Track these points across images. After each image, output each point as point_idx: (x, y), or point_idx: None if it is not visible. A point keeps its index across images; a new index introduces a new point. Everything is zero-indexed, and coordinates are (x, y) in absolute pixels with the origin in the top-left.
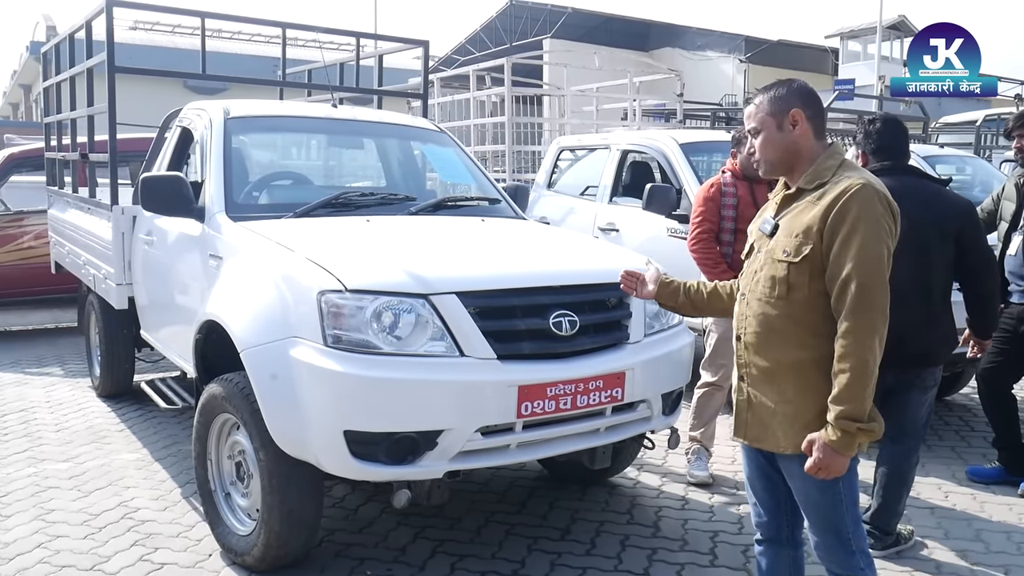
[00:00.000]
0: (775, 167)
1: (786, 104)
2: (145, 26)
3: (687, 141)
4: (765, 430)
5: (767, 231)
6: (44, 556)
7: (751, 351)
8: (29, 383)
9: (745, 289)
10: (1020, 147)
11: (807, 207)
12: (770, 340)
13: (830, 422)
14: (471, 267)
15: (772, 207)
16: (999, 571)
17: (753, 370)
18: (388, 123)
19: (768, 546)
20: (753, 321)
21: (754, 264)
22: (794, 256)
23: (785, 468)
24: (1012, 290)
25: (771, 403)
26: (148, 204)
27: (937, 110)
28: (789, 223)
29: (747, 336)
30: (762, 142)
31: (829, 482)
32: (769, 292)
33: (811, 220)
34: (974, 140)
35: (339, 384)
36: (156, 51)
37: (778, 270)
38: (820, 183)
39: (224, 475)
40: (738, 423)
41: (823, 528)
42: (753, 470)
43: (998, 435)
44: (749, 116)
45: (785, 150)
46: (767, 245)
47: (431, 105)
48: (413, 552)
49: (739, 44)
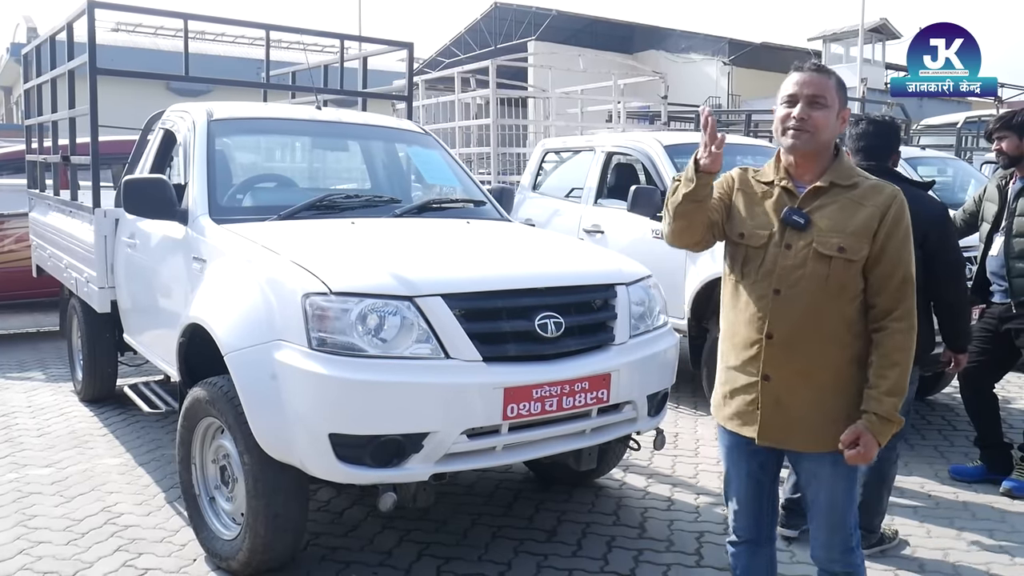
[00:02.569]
0: (818, 148)
1: (845, 98)
2: (127, 28)
3: (672, 143)
4: (792, 431)
5: (799, 225)
6: (26, 563)
7: (786, 350)
8: (10, 388)
9: (778, 286)
10: (1000, 149)
11: (850, 205)
12: (813, 338)
13: (879, 413)
14: (456, 269)
15: (781, 195)
16: (981, 568)
17: (785, 371)
18: (373, 125)
19: (747, 547)
20: (797, 319)
21: (786, 260)
22: (854, 255)
23: (809, 468)
24: (994, 290)
25: (804, 403)
26: (131, 207)
27: (919, 112)
28: (836, 218)
29: (784, 336)
30: (825, 117)
31: (854, 481)
32: (819, 289)
33: (866, 220)
34: (955, 142)
35: (324, 387)
36: (138, 53)
37: (833, 267)
38: (853, 182)
39: (208, 479)
40: (762, 427)
41: (835, 527)
42: (741, 471)
43: (980, 434)
44: (814, 84)
45: (830, 138)
46: (800, 240)
47: (416, 107)
48: (399, 555)
49: (723, 47)
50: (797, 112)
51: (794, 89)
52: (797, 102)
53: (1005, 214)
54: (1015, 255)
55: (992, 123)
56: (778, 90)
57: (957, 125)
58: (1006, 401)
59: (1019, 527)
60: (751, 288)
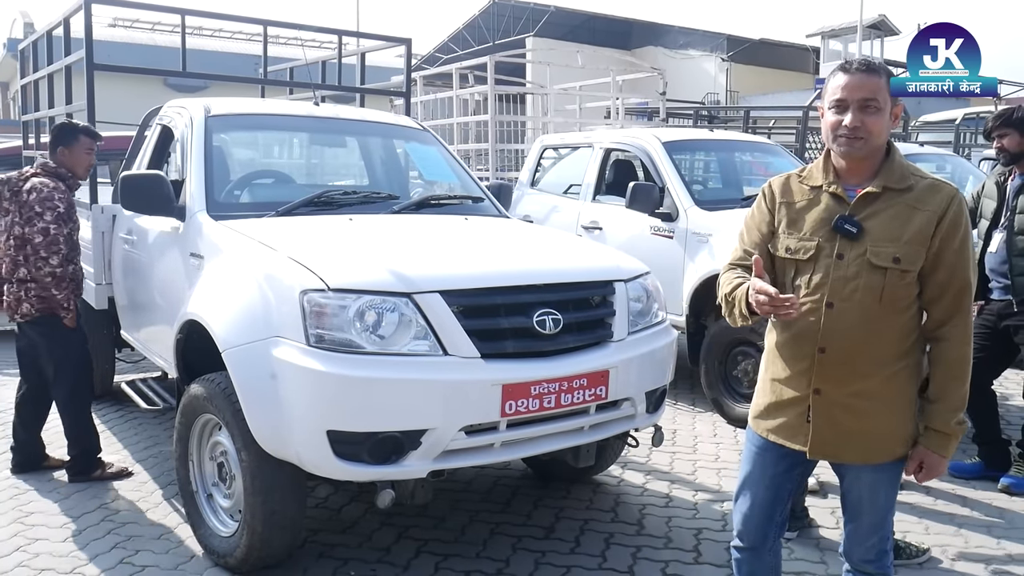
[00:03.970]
0: (872, 152)
1: (892, 94)
2: (124, 23)
3: (670, 139)
4: (845, 445)
5: (852, 234)
6: (23, 559)
7: (841, 365)
8: (7, 385)
9: (832, 298)
10: (1002, 146)
11: (906, 211)
12: (867, 352)
13: (942, 429)
14: (454, 266)
15: (829, 201)
16: (979, 565)
17: (838, 384)
18: (371, 121)
19: (750, 554)
20: (851, 333)
21: (840, 271)
22: (910, 264)
23: (855, 477)
24: (993, 287)
25: (858, 417)
26: (128, 203)
27: (917, 109)
28: (890, 226)
29: (838, 351)
30: (878, 122)
31: (895, 488)
32: (872, 300)
33: (922, 226)
34: (953, 138)
35: (322, 384)
36: (136, 48)
37: (888, 278)
38: (908, 184)
39: (206, 476)
40: (814, 441)
41: (873, 532)
42: (765, 479)
43: (978, 430)
44: (867, 88)
45: (885, 140)
46: (853, 249)
47: (414, 103)
48: (397, 552)
49: (721, 43)
50: (849, 120)
51: (843, 94)
52: (847, 108)
53: (1006, 211)
54: (1017, 252)
55: (991, 120)
56: (826, 92)
57: (955, 121)
58: (1004, 398)
59: (1017, 523)
60: (808, 301)
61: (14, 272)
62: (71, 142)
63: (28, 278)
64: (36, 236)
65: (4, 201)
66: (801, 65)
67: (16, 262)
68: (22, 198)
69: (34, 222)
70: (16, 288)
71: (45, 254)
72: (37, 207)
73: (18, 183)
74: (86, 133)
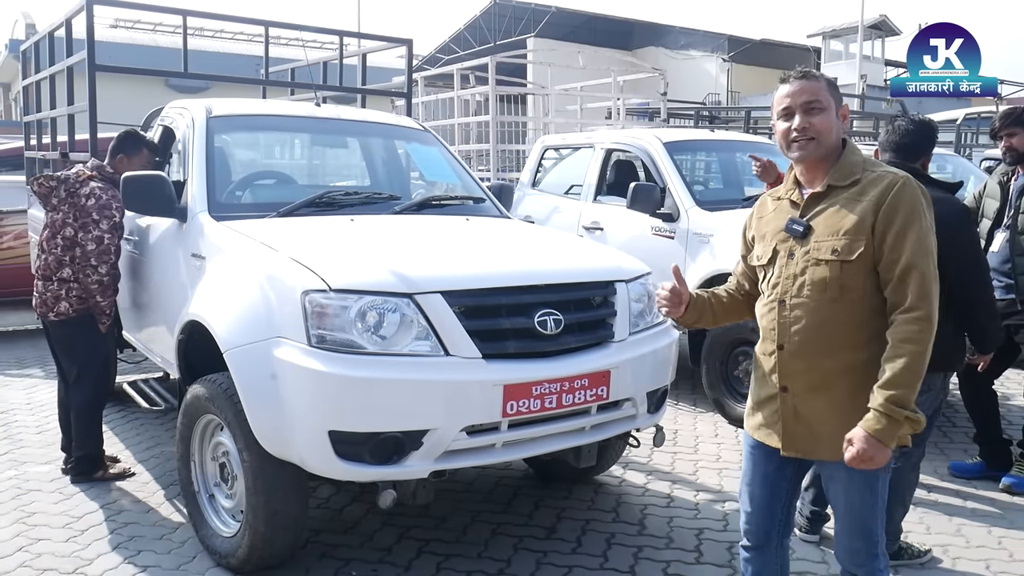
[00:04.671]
0: (826, 153)
1: (839, 95)
2: (126, 24)
3: (671, 140)
4: (816, 440)
5: (798, 233)
6: (26, 559)
7: (797, 360)
8: (10, 385)
9: (783, 296)
10: (1010, 145)
11: (848, 204)
12: (822, 346)
13: (877, 408)
14: (456, 266)
15: (787, 207)
16: (980, 565)
17: (799, 380)
18: (372, 122)
19: (757, 554)
20: (802, 328)
21: (789, 268)
22: (848, 255)
23: (830, 473)
24: (995, 286)
25: (822, 412)
26: (130, 203)
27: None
28: (829, 221)
29: (793, 346)
30: (825, 120)
31: (873, 485)
32: (820, 295)
33: (860, 216)
34: (955, 138)
35: (323, 384)
36: (137, 49)
37: (828, 271)
38: (854, 179)
39: (208, 476)
40: (785, 438)
41: (856, 531)
42: (758, 477)
43: (979, 430)
44: (806, 91)
45: (837, 139)
46: (801, 247)
47: (415, 104)
48: (399, 552)
49: (722, 43)
50: (797, 123)
51: (788, 102)
52: (793, 113)
53: (1009, 211)
54: (1021, 251)
55: (998, 120)
56: (773, 106)
57: (957, 122)
58: (1005, 397)
59: (1019, 523)
60: (765, 301)
61: (58, 270)
62: (133, 152)
63: (72, 279)
64: (89, 243)
65: (56, 199)
66: (802, 65)
67: (61, 261)
68: (79, 201)
69: (89, 229)
70: (57, 287)
71: (95, 262)
72: (95, 214)
73: (75, 184)
74: (148, 147)
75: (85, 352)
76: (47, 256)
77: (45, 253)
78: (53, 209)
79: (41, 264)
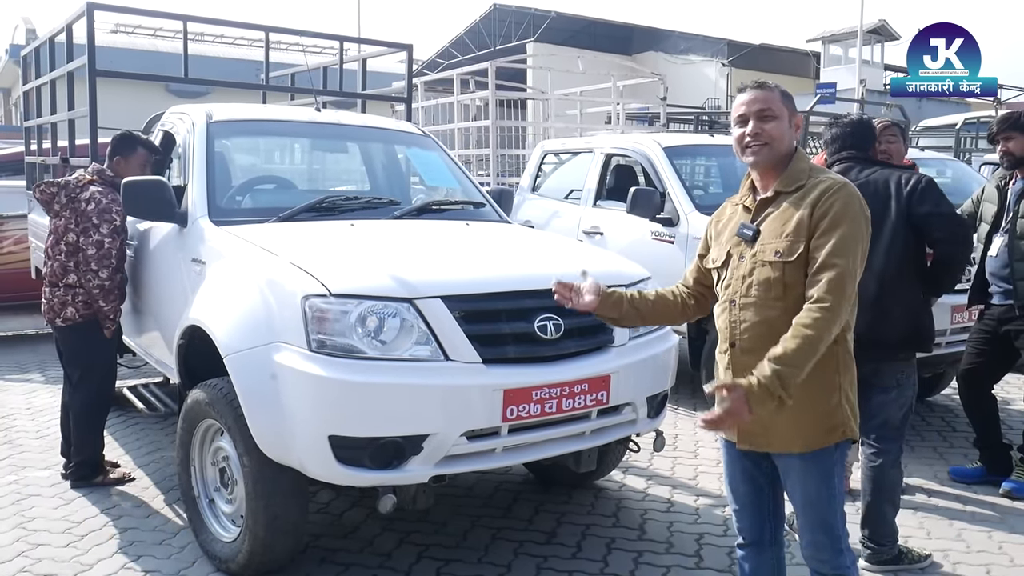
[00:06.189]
0: (778, 159)
1: (793, 106)
2: (127, 29)
3: (671, 145)
4: (768, 434)
5: (748, 236)
6: (25, 564)
7: (749, 357)
8: (9, 390)
9: (734, 296)
10: (1007, 150)
11: (790, 208)
12: (769, 342)
13: (760, 377)
14: (456, 271)
15: (741, 212)
16: (980, 570)
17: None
18: (372, 127)
19: (751, 549)
20: (750, 326)
21: (739, 270)
22: (788, 256)
23: (785, 467)
24: (993, 291)
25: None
26: (130, 208)
27: (918, 113)
28: (774, 225)
29: (743, 343)
30: (777, 127)
31: (828, 479)
32: (765, 295)
33: (800, 218)
34: (954, 143)
35: (324, 389)
36: (138, 55)
37: (772, 272)
38: (798, 185)
39: (208, 481)
40: (740, 432)
41: (816, 526)
42: (737, 473)
43: (979, 435)
44: (760, 100)
45: (788, 147)
46: (750, 250)
47: (415, 109)
48: (398, 557)
49: (721, 48)
50: (750, 129)
51: (743, 109)
52: (748, 120)
53: (1007, 215)
54: (1019, 256)
55: (995, 124)
56: (731, 114)
57: (956, 127)
58: (1005, 402)
59: (1019, 528)
60: (719, 302)
61: (63, 277)
62: (129, 153)
63: (77, 284)
64: (89, 248)
65: (57, 205)
66: (801, 70)
67: (66, 267)
68: (79, 206)
69: (90, 233)
70: (63, 292)
71: (96, 267)
72: (95, 218)
73: (75, 189)
74: (144, 146)
75: (88, 357)
76: (53, 262)
77: (51, 259)
78: (56, 215)
79: (48, 270)
